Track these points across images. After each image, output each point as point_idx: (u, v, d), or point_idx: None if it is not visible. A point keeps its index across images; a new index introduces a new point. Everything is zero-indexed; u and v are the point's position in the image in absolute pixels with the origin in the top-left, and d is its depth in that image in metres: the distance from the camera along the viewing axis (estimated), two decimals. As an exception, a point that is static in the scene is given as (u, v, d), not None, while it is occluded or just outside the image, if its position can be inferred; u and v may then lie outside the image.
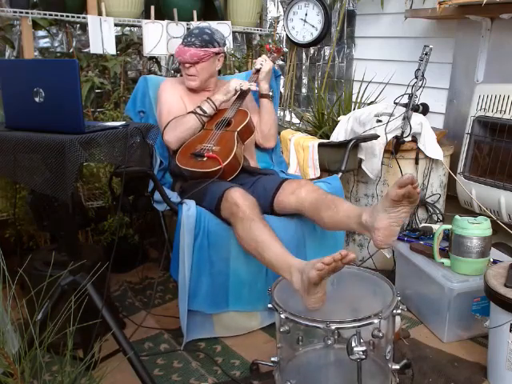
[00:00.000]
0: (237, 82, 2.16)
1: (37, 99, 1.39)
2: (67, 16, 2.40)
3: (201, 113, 2.12)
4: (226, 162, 1.97)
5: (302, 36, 3.09)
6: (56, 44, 2.82)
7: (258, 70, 2.25)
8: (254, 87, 2.19)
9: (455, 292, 1.85)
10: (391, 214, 1.48)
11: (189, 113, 2.14)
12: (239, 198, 1.79)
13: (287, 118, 3.35)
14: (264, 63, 2.23)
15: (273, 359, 1.51)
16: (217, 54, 2.17)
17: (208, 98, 2.16)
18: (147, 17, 2.64)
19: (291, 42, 3.18)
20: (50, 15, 2.36)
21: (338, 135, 2.55)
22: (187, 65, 2.14)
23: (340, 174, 2.20)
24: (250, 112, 2.20)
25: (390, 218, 1.49)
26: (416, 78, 2.37)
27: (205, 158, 2.00)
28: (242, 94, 2.20)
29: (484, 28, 2.49)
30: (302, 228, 1.99)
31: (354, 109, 2.77)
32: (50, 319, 1.06)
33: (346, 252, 1.37)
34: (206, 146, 2.04)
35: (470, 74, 2.60)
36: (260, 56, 2.35)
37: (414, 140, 2.42)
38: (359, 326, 1.32)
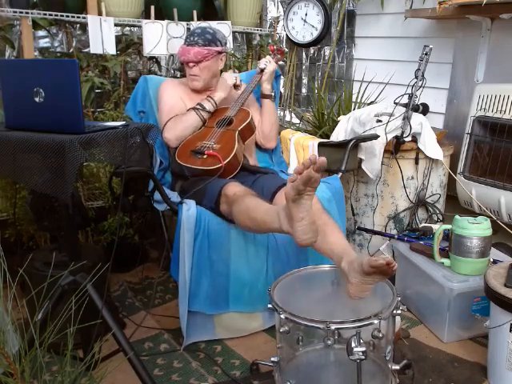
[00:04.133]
0: (230, 76, 2.21)
1: (37, 99, 1.39)
2: (67, 16, 2.40)
3: (201, 110, 2.12)
4: (226, 161, 1.97)
5: (302, 36, 3.09)
6: (56, 44, 2.82)
7: (262, 70, 2.26)
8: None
9: (455, 292, 1.85)
10: (364, 278, 1.46)
11: (189, 110, 2.14)
12: (235, 189, 1.82)
13: (287, 118, 3.35)
14: (268, 64, 2.25)
15: (273, 359, 1.50)
16: (219, 53, 2.18)
17: (208, 95, 2.16)
18: (147, 17, 2.64)
19: (291, 42, 3.17)
20: (50, 15, 2.36)
21: (338, 135, 2.55)
22: (191, 64, 2.14)
23: (340, 173, 2.20)
24: (251, 112, 2.21)
25: (363, 280, 1.47)
26: (416, 77, 2.37)
27: (205, 156, 2.00)
28: (244, 92, 2.22)
29: (484, 28, 2.49)
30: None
31: (354, 109, 2.77)
32: (51, 319, 1.06)
33: (315, 156, 1.33)
34: (207, 143, 2.04)
35: (469, 73, 2.60)
36: (260, 56, 2.36)
37: (414, 140, 2.42)
38: (359, 327, 1.32)
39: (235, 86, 2.24)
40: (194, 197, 1.92)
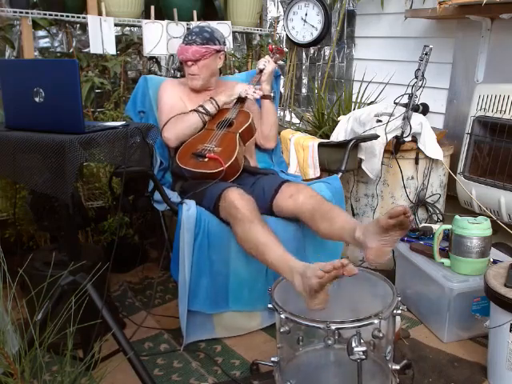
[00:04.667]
0: (243, 87, 2.17)
1: (37, 99, 1.39)
2: (67, 16, 2.40)
3: (203, 111, 2.12)
4: (227, 164, 1.96)
5: (302, 36, 3.09)
6: (56, 44, 2.82)
7: (261, 71, 2.26)
8: (257, 96, 2.18)
9: (455, 292, 1.85)
10: (383, 238, 1.47)
11: (191, 111, 2.14)
12: (237, 199, 1.78)
13: (287, 118, 3.35)
14: (267, 64, 2.25)
15: (273, 359, 1.50)
16: (218, 51, 2.17)
17: (211, 97, 2.16)
18: (147, 17, 2.64)
19: (291, 42, 3.17)
20: (50, 15, 2.36)
21: (338, 135, 2.55)
22: (189, 63, 2.14)
23: (340, 173, 2.20)
24: (251, 113, 2.21)
25: (382, 241, 1.48)
26: (416, 77, 2.37)
27: (206, 159, 1.99)
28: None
29: (484, 28, 2.49)
30: (302, 229, 1.99)
31: (354, 109, 2.77)
32: (50, 319, 1.06)
33: (347, 261, 1.36)
34: (208, 146, 2.04)
35: (469, 74, 2.60)
36: (260, 56, 2.35)
37: (414, 140, 2.42)
38: (359, 327, 1.32)
39: (242, 98, 2.20)
40: (194, 197, 1.92)
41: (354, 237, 1.58)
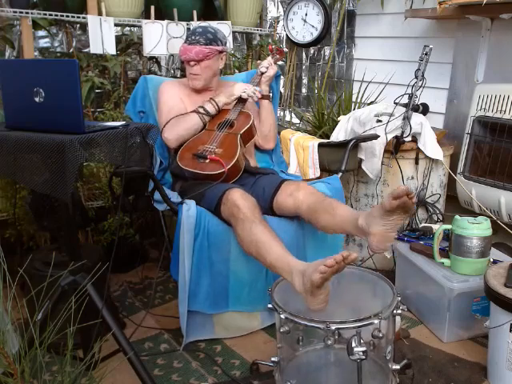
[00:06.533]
0: (242, 87, 2.17)
1: (37, 99, 1.39)
2: (67, 16, 2.40)
3: (203, 112, 2.12)
4: (229, 166, 1.96)
5: (302, 36, 3.09)
6: (56, 44, 2.82)
7: (262, 73, 2.26)
8: (256, 98, 2.17)
9: (455, 292, 1.85)
10: (386, 222, 1.48)
11: (190, 112, 2.14)
12: (239, 199, 1.78)
13: (287, 118, 3.35)
14: (270, 68, 2.25)
15: (273, 359, 1.51)
16: (220, 52, 2.17)
17: (211, 98, 2.16)
18: (147, 17, 2.64)
19: (291, 42, 3.17)
20: (50, 15, 2.36)
21: (338, 135, 2.55)
22: (192, 63, 2.14)
23: (340, 173, 2.20)
24: (252, 114, 2.21)
25: (385, 225, 1.49)
26: (416, 77, 2.37)
27: (207, 160, 1.99)
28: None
29: (484, 28, 2.49)
30: (302, 229, 1.99)
31: (354, 109, 2.77)
32: (50, 319, 1.06)
33: (348, 252, 1.36)
34: (209, 147, 2.04)
35: (470, 74, 2.60)
36: (260, 56, 2.35)
37: (414, 140, 2.42)
38: (359, 327, 1.32)
39: (242, 99, 2.18)
40: (194, 198, 1.92)
41: (356, 225, 1.58)
